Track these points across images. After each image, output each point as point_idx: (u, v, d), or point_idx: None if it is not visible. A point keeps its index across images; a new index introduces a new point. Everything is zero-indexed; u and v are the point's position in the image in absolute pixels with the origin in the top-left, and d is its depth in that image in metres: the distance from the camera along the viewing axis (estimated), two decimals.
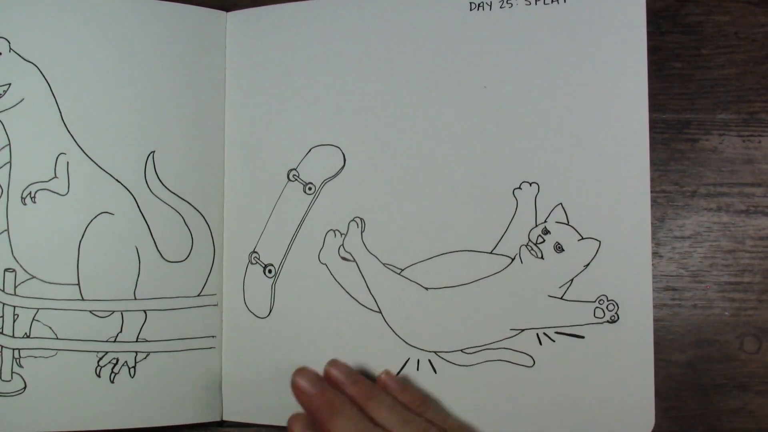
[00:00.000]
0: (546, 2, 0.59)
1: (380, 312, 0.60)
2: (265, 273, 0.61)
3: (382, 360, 0.59)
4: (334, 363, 0.56)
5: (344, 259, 0.60)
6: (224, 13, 0.63)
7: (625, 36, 0.57)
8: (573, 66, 0.58)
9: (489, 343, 0.58)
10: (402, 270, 0.60)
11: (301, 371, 0.54)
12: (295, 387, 0.54)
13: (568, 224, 0.58)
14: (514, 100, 0.59)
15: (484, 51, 0.59)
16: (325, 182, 0.61)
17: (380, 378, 0.57)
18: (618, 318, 0.57)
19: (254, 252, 0.61)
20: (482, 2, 0.59)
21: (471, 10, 0.60)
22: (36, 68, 0.59)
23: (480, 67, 0.59)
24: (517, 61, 0.59)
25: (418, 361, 0.59)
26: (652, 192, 0.61)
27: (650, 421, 0.56)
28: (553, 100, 0.58)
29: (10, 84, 0.59)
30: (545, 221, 0.58)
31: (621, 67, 0.57)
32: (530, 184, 0.58)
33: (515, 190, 0.59)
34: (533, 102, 0.58)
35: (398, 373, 0.59)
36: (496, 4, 0.59)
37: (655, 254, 0.61)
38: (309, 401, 0.53)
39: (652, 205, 0.61)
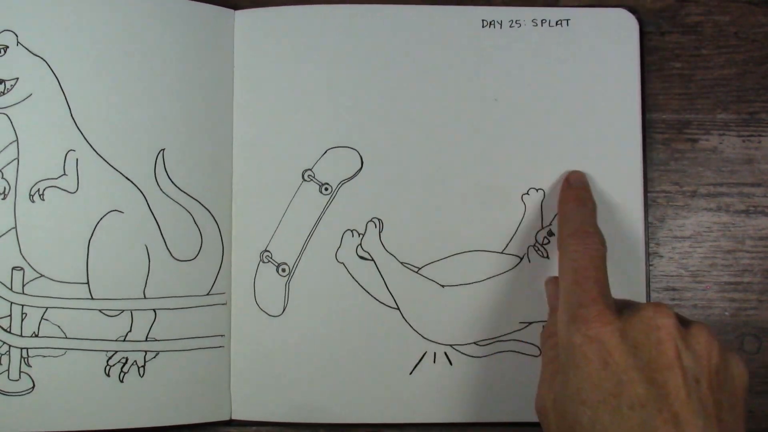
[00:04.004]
0: (551, 24, 0.62)
1: (398, 309, 0.61)
2: (278, 272, 0.61)
3: (400, 353, 0.61)
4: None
5: (362, 258, 0.61)
6: (232, 11, 0.63)
7: (621, 57, 0.62)
8: (574, 83, 0.62)
9: (500, 336, 0.61)
10: (419, 269, 0.61)
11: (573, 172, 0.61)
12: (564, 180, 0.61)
13: None
14: (523, 113, 0.62)
15: (495, 66, 0.62)
16: (342, 183, 0.61)
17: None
18: None
19: (266, 251, 0.61)
20: (493, 20, 0.62)
21: (483, 27, 0.62)
22: (45, 63, 0.58)
23: (491, 81, 0.62)
24: (524, 76, 0.62)
25: (435, 354, 0.61)
26: (652, 192, 0.62)
27: None
28: (557, 114, 0.62)
29: (17, 78, 0.58)
30: (550, 224, 0.62)
31: (616, 87, 0.62)
32: (537, 190, 0.62)
33: (523, 196, 0.62)
34: (540, 115, 0.62)
35: (415, 366, 0.61)
36: (506, 23, 0.62)
37: (655, 254, 0.62)
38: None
39: (651, 205, 0.62)
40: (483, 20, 0.62)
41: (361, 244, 0.61)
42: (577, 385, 0.46)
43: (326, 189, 0.61)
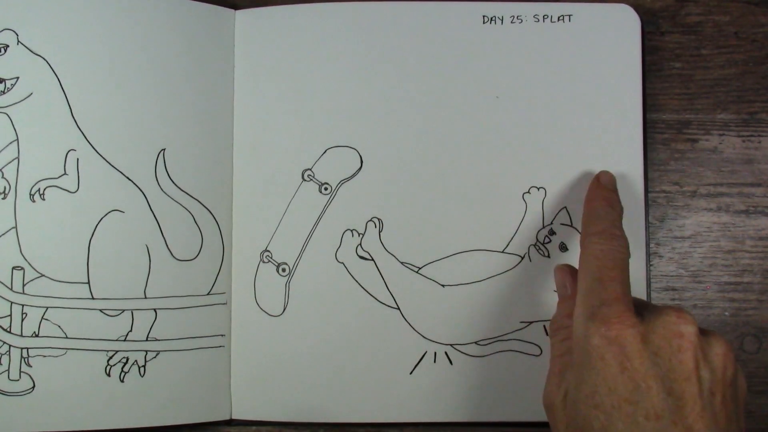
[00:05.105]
0: (553, 20, 0.62)
1: (398, 309, 0.61)
2: (278, 272, 0.61)
3: (400, 353, 0.61)
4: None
5: (362, 258, 0.61)
6: (232, 11, 0.63)
7: (622, 53, 0.62)
8: (576, 79, 0.62)
9: (501, 335, 0.61)
10: (419, 268, 0.61)
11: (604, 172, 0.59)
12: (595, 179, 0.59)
13: (571, 226, 0.61)
14: (524, 111, 0.62)
15: (496, 62, 0.62)
16: (341, 183, 0.61)
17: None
18: None
19: (266, 251, 0.61)
20: (494, 16, 0.62)
21: (484, 23, 0.62)
22: (45, 62, 0.58)
23: (492, 78, 0.62)
24: (526, 73, 0.62)
25: (435, 353, 0.61)
26: (652, 192, 0.62)
27: None
28: (559, 111, 0.62)
29: (18, 77, 0.58)
30: (551, 223, 0.61)
31: (618, 83, 0.61)
32: (538, 189, 0.61)
33: (524, 195, 0.61)
34: (541, 112, 0.62)
35: (416, 366, 0.61)
36: (507, 19, 0.62)
37: (655, 254, 0.62)
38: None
39: (651, 205, 0.62)
40: (484, 16, 0.62)
41: (361, 244, 0.61)
42: (591, 387, 0.45)
43: (326, 189, 0.61)
